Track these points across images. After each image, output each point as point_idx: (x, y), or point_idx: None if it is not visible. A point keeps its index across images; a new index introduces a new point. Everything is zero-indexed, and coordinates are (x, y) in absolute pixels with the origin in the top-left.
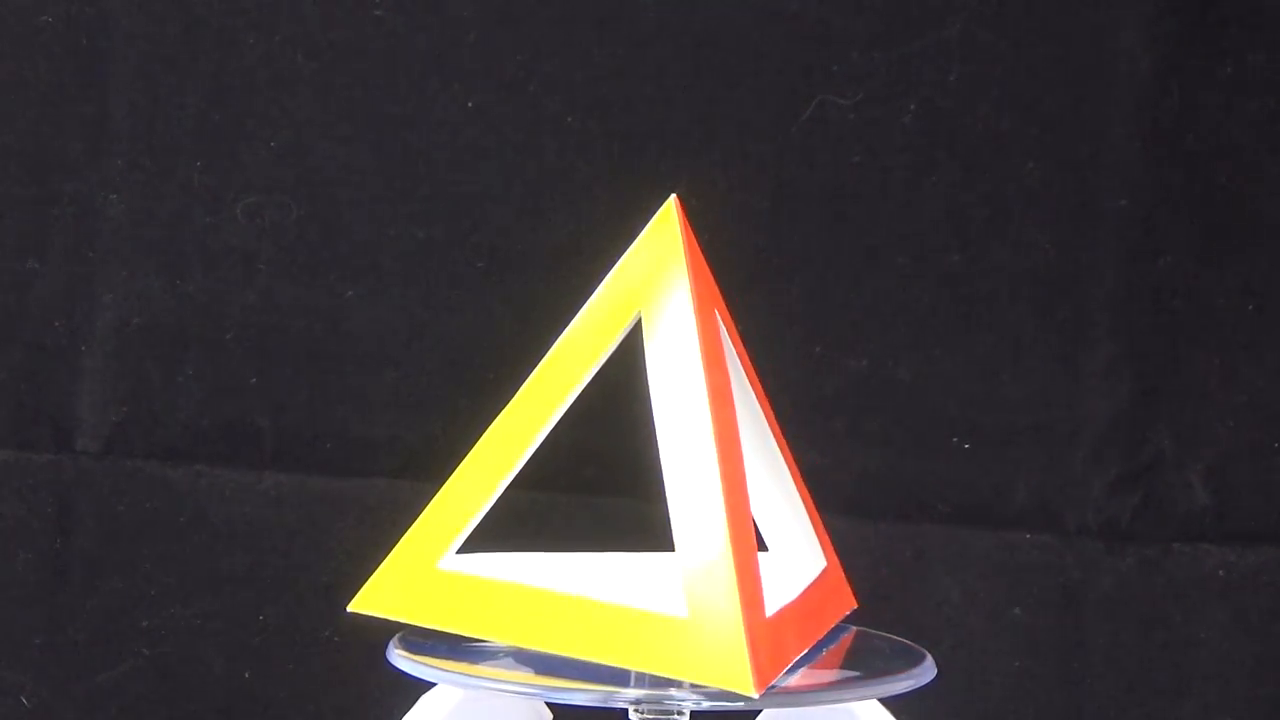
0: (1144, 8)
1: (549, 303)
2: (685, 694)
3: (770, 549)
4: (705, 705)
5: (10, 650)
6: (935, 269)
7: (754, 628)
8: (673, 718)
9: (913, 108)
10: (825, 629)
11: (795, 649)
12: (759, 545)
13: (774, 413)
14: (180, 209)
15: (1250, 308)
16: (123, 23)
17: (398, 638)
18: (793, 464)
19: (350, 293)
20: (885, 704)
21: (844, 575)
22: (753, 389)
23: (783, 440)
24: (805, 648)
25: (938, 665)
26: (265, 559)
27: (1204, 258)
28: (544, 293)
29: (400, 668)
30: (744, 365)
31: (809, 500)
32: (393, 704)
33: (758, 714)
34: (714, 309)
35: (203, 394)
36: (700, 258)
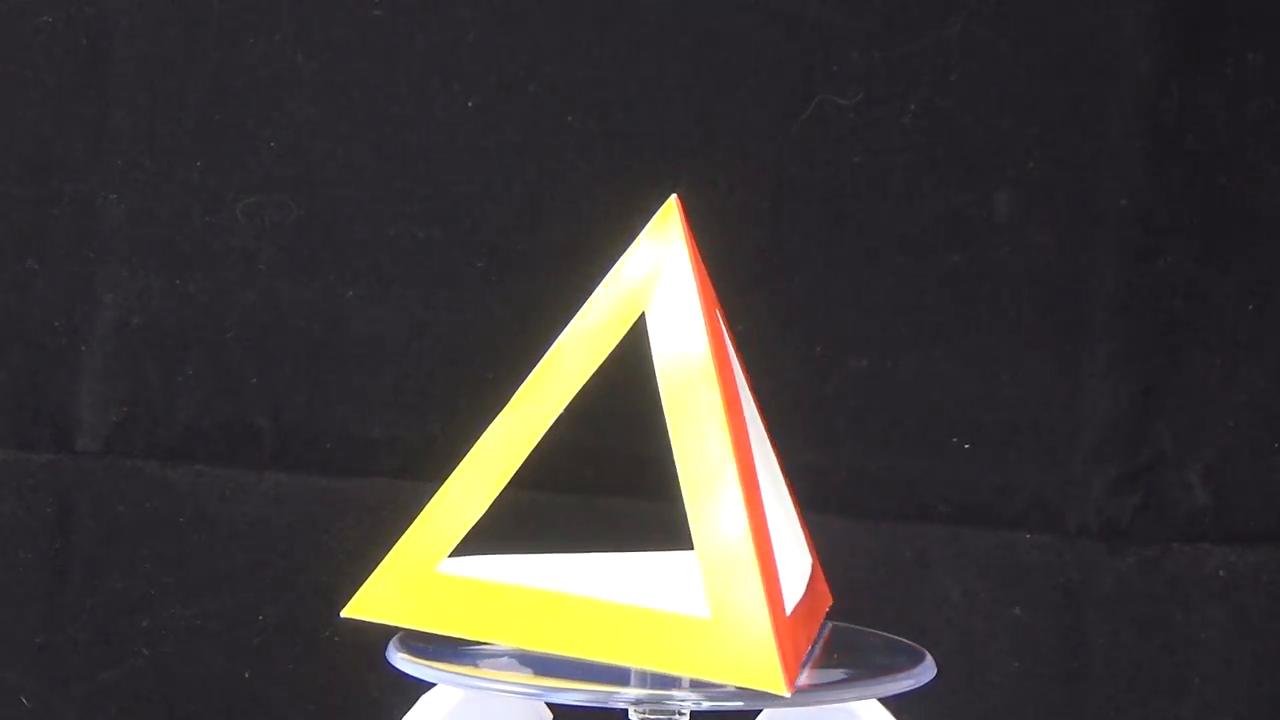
0: (1144, 8)
1: (549, 303)
2: (685, 694)
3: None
4: (705, 705)
5: (10, 650)
6: (935, 269)
7: (779, 627)
8: (673, 718)
9: (913, 108)
10: (818, 627)
11: (805, 647)
12: None
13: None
14: (180, 209)
15: (1250, 308)
16: (123, 23)
17: (397, 638)
18: (780, 461)
19: (350, 293)
20: (885, 704)
21: (823, 572)
22: (746, 386)
23: (770, 437)
24: (810, 646)
25: (938, 665)
26: (265, 559)
27: (1204, 258)
28: (544, 293)
29: (400, 668)
30: (740, 363)
31: (795, 497)
32: (393, 704)
33: (757, 714)
34: (715, 308)
35: (203, 394)
36: (699, 258)
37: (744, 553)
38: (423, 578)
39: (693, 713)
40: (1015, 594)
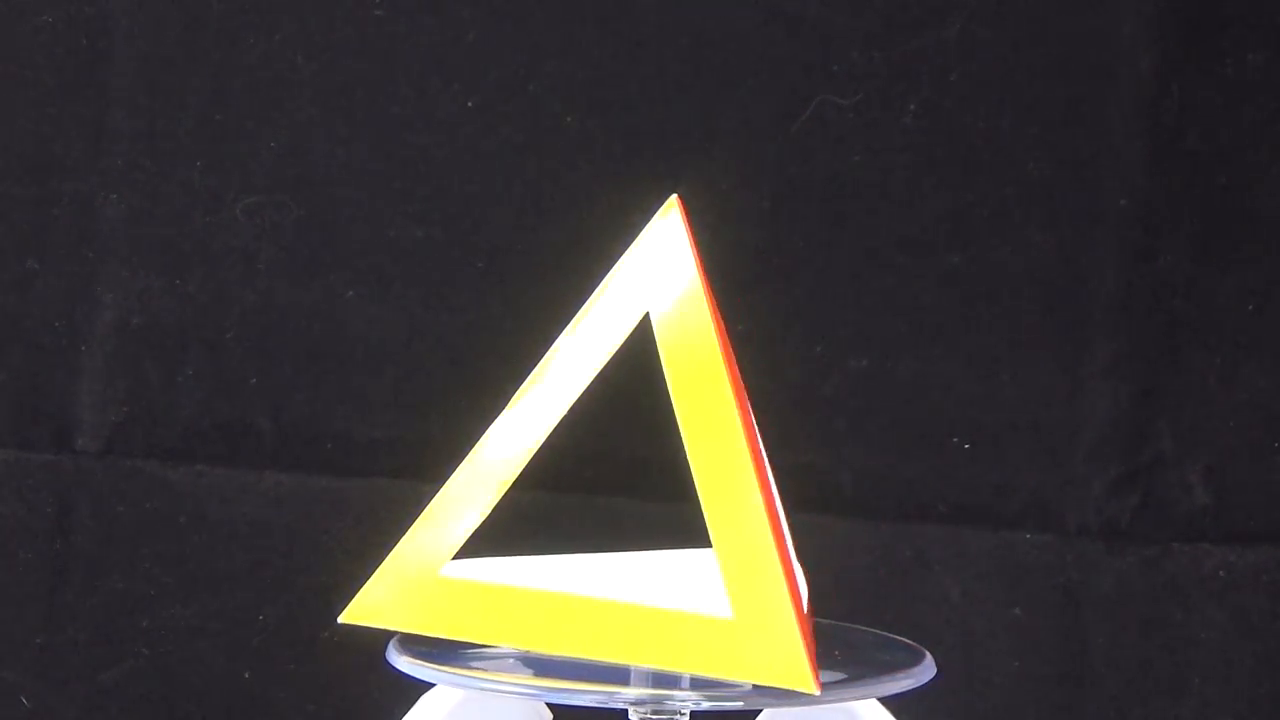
0: (1144, 8)
1: (549, 303)
2: (685, 694)
3: None
4: (705, 705)
5: (10, 650)
6: (935, 269)
7: (803, 626)
8: (673, 718)
9: (913, 108)
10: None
11: (814, 646)
12: None
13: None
14: (180, 209)
15: (1250, 308)
16: (123, 23)
17: (397, 639)
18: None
19: (350, 293)
20: (885, 704)
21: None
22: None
23: (762, 435)
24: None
25: (938, 665)
26: (265, 559)
27: (1204, 258)
28: (544, 293)
29: (400, 669)
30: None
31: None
32: (392, 704)
33: (757, 714)
34: (715, 308)
35: (203, 394)
36: (700, 257)
37: (767, 552)
38: (425, 581)
39: (693, 713)
40: (1015, 594)
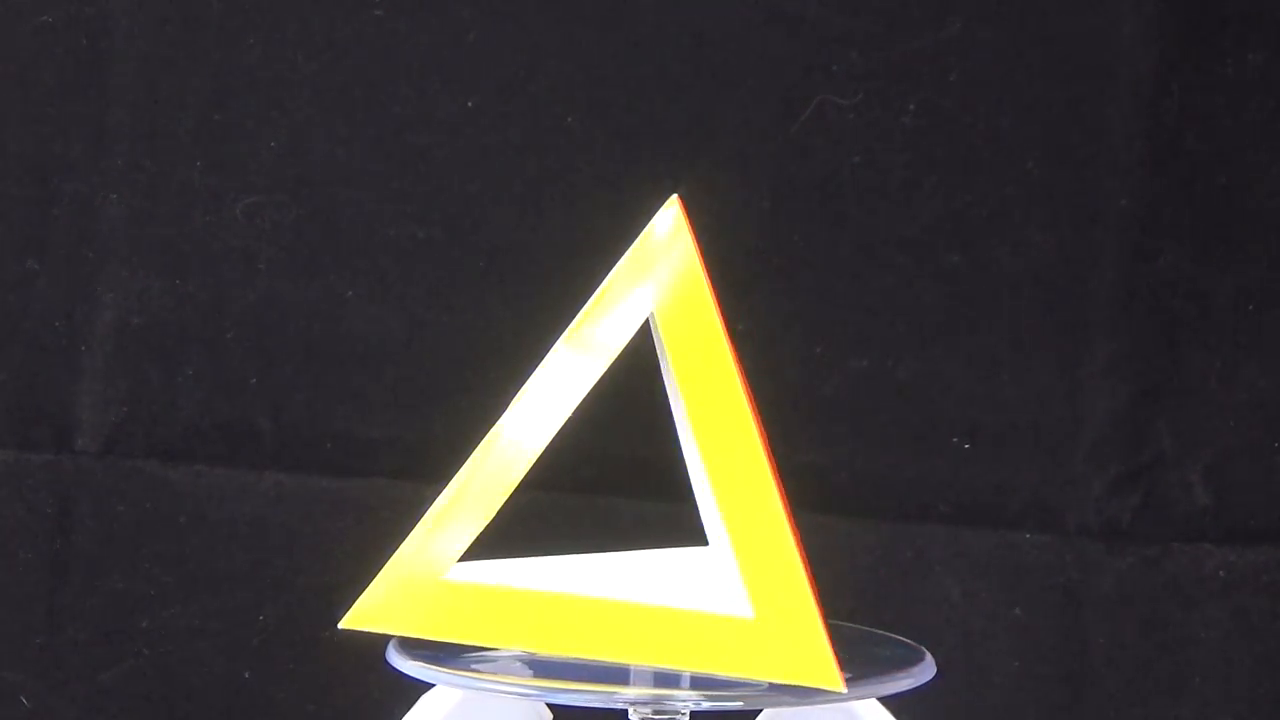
0: (1144, 8)
1: (549, 303)
2: (686, 694)
3: None
4: (705, 705)
5: (10, 650)
6: (935, 269)
7: (824, 624)
8: (673, 718)
9: (912, 108)
10: None
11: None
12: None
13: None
14: (180, 209)
15: (1250, 308)
16: (123, 23)
17: (397, 639)
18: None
19: (350, 293)
20: (885, 704)
21: None
22: None
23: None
24: None
25: (938, 665)
26: (265, 559)
27: (1204, 258)
28: (544, 293)
29: (400, 669)
30: None
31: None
32: (392, 704)
33: (757, 713)
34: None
35: (203, 394)
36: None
37: (787, 550)
38: (429, 585)
39: (693, 713)
40: (1015, 594)
